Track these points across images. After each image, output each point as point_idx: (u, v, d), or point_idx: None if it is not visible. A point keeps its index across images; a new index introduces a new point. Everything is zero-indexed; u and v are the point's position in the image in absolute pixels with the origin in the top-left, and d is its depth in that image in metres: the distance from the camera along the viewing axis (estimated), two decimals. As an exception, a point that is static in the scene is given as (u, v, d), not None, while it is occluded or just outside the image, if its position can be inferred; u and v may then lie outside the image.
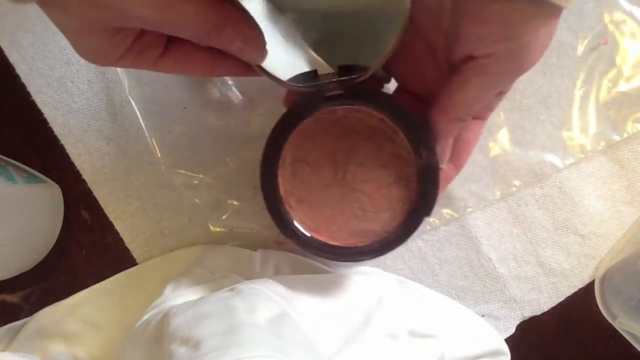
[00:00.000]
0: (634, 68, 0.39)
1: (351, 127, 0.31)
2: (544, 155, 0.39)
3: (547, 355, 0.40)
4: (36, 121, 0.38)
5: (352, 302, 0.35)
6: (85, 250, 0.39)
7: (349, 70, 0.28)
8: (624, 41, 0.39)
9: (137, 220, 0.39)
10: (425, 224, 0.38)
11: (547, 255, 0.39)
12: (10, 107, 0.38)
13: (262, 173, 0.30)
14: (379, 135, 0.30)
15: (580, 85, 0.39)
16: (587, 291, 0.40)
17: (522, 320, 0.40)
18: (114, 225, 0.38)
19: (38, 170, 0.38)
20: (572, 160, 0.39)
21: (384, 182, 0.30)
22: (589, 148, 0.39)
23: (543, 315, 0.40)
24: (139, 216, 0.38)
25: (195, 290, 0.34)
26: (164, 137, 0.38)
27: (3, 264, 0.36)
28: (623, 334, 0.37)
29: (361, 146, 0.31)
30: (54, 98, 0.38)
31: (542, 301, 0.39)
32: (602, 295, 0.39)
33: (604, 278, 0.39)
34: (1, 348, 0.36)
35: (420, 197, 0.29)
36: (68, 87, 0.38)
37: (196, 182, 0.38)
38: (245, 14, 0.23)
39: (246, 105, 0.38)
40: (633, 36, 0.39)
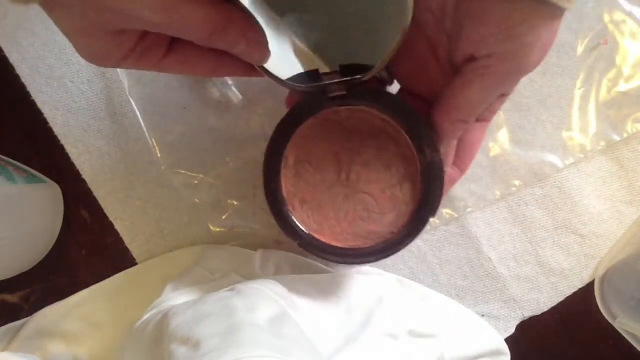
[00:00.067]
0: (634, 68, 0.39)
1: (354, 128, 0.30)
2: (544, 155, 0.39)
3: (547, 355, 0.40)
4: (36, 121, 0.38)
5: (352, 302, 0.35)
6: (85, 250, 0.39)
7: (352, 70, 0.28)
8: (624, 41, 0.39)
9: (137, 220, 0.38)
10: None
11: (547, 255, 0.39)
12: (10, 107, 0.38)
13: (265, 174, 0.29)
14: (382, 136, 0.30)
15: (580, 85, 0.39)
16: (587, 291, 0.40)
17: (522, 320, 0.40)
18: (114, 225, 0.38)
19: (38, 170, 0.38)
20: (572, 160, 0.39)
21: (388, 183, 0.30)
22: (589, 148, 0.39)
23: (543, 315, 0.40)
24: (139, 216, 0.38)
25: (195, 290, 0.34)
26: (164, 137, 0.38)
27: (3, 264, 0.36)
28: (623, 334, 0.37)
29: (365, 147, 0.30)
30: (54, 98, 0.38)
31: (542, 301, 0.39)
32: (602, 295, 0.39)
33: (604, 278, 0.39)
34: (1, 348, 0.36)
35: (425, 197, 0.29)
36: (68, 87, 0.38)
37: (196, 182, 0.38)
38: (248, 16, 0.23)
39: (246, 105, 0.38)
40: (633, 36, 0.39)
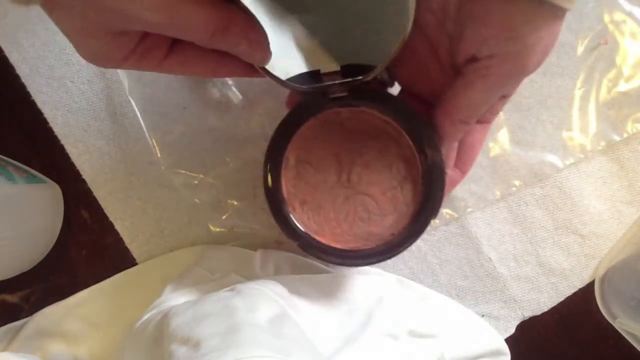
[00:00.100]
0: (634, 68, 0.39)
1: (355, 129, 0.30)
2: (544, 155, 0.39)
3: (547, 355, 0.40)
4: (36, 121, 0.38)
5: (352, 302, 0.35)
6: (85, 250, 0.39)
7: (353, 70, 0.28)
8: (624, 41, 0.39)
9: (137, 220, 0.38)
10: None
11: (547, 255, 0.39)
12: (10, 107, 0.38)
13: (265, 174, 0.29)
14: (383, 137, 0.30)
15: (580, 85, 0.39)
16: (587, 291, 0.40)
17: (522, 320, 0.40)
18: (114, 225, 0.38)
19: (38, 170, 0.38)
20: (572, 160, 0.39)
21: (389, 184, 0.30)
22: (589, 148, 0.39)
23: (543, 315, 0.40)
24: (139, 216, 0.38)
25: (195, 290, 0.34)
26: (164, 137, 0.38)
27: (3, 264, 0.36)
28: (623, 334, 0.37)
29: (366, 148, 0.30)
30: (54, 98, 0.38)
31: (542, 301, 0.39)
32: (602, 295, 0.39)
33: (604, 278, 0.39)
34: (1, 348, 0.36)
35: (426, 198, 0.29)
36: (68, 87, 0.38)
37: (196, 182, 0.38)
38: (249, 16, 0.23)
39: (246, 105, 0.38)
40: (633, 36, 0.39)
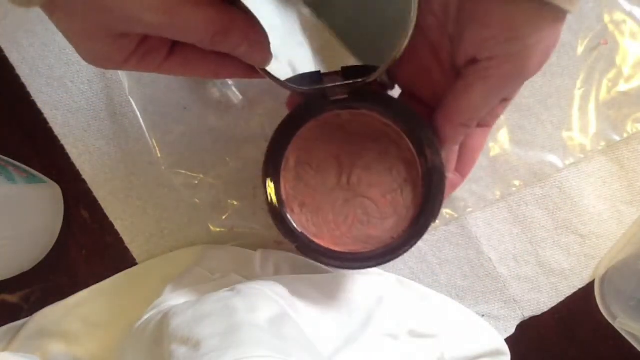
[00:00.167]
0: (634, 68, 0.39)
1: (356, 131, 0.30)
2: (544, 155, 0.39)
3: (547, 355, 0.40)
4: (36, 121, 0.38)
5: (352, 302, 0.35)
6: (85, 250, 0.39)
7: (354, 72, 0.27)
8: (624, 41, 0.39)
9: (137, 220, 0.38)
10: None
11: (547, 255, 0.39)
12: (10, 107, 0.38)
13: (264, 175, 0.29)
14: (384, 139, 0.30)
15: (580, 85, 0.39)
16: (587, 291, 0.40)
17: (522, 320, 0.40)
18: (114, 225, 0.38)
19: (38, 170, 0.38)
20: (572, 160, 0.39)
21: (389, 187, 0.30)
22: (589, 148, 0.39)
23: (543, 315, 0.40)
24: (139, 216, 0.38)
25: (195, 290, 0.34)
26: (164, 137, 0.38)
27: (3, 264, 0.36)
28: (623, 334, 0.37)
29: (366, 150, 0.30)
30: (54, 98, 0.38)
31: (542, 301, 0.39)
32: (602, 295, 0.39)
33: (604, 278, 0.39)
34: (1, 348, 0.36)
35: (426, 201, 0.29)
36: (68, 87, 0.38)
37: (196, 182, 0.38)
38: (250, 17, 0.23)
39: (246, 105, 0.38)
40: (633, 36, 0.39)
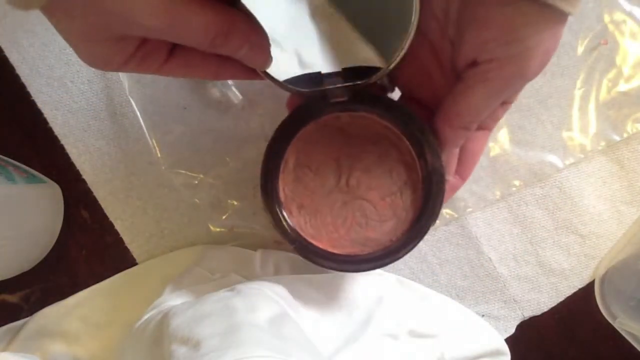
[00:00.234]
0: (634, 68, 0.39)
1: (356, 134, 0.30)
2: (544, 155, 0.39)
3: (547, 355, 0.40)
4: (36, 121, 0.38)
5: (352, 302, 0.35)
6: (85, 250, 0.39)
7: (355, 73, 0.27)
8: (624, 41, 0.39)
9: (137, 220, 0.38)
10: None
11: (547, 255, 0.39)
12: (10, 107, 0.38)
13: (263, 176, 0.29)
14: (384, 142, 0.30)
15: (580, 85, 0.39)
16: (587, 291, 0.40)
17: (522, 320, 0.40)
18: (114, 225, 0.38)
19: (38, 170, 0.38)
20: (572, 160, 0.39)
21: (388, 189, 0.30)
22: (589, 148, 0.39)
23: (543, 315, 0.40)
24: (139, 216, 0.38)
25: (195, 290, 0.34)
26: (164, 137, 0.38)
27: (3, 264, 0.36)
28: (623, 334, 0.37)
29: (366, 153, 0.30)
30: (54, 98, 0.38)
31: (542, 301, 0.39)
32: (602, 295, 0.39)
33: (604, 278, 0.39)
34: (1, 348, 0.36)
35: (426, 204, 0.29)
36: (68, 87, 0.38)
37: (196, 182, 0.38)
38: (251, 19, 0.23)
39: (246, 105, 0.38)
40: (633, 36, 0.39)
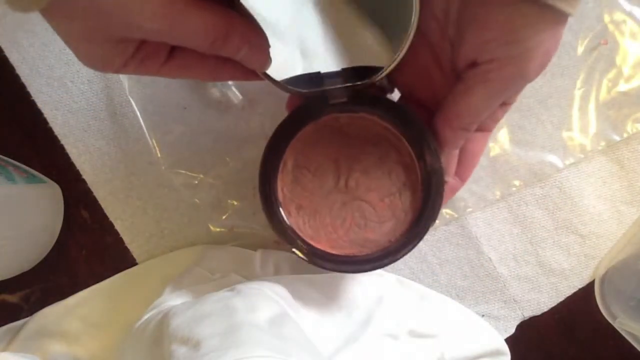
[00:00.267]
0: (634, 68, 0.39)
1: (355, 135, 0.30)
2: (544, 155, 0.39)
3: (547, 355, 0.40)
4: (36, 121, 0.38)
5: (352, 302, 0.35)
6: (85, 250, 0.39)
7: (355, 73, 0.27)
8: (624, 41, 0.39)
9: (137, 220, 0.38)
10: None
11: (547, 255, 0.39)
12: (10, 107, 0.38)
13: (261, 177, 0.29)
14: (383, 143, 0.30)
15: (580, 85, 0.39)
16: (587, 291, 0.40)
17: (522, 320, 0.40)
18: (114, 225, 0.38)
19: (38, 170, 0.38)
20: (572, 160, 0.39)
21: (387, 191, 0.30)
22: (589, 148, 0.39)
23: (543, 315, 0.40)
24: (139, 216, 0.38)
25: (195, 291, 0.34)
26: (164, 137, 0.38)
27: (3, 264, 0.36)
28: (623, 334, 0.37)
29: (365, 154, 0.30)
30: (54, 98, 0.38)
31: (542, 301, 0.39)
32: (602, 295, 0.39)
33: (604, 278, 0.39)
34: (1, 348, 0.36)
35: (425, 205, 0.29)
36: (68, 87, 0.38)
37: (196, 182, 0.38)
38: (250, 21, 0.23)
39: (246, 105, 0.38)
40: (633, 36, 0.39)
